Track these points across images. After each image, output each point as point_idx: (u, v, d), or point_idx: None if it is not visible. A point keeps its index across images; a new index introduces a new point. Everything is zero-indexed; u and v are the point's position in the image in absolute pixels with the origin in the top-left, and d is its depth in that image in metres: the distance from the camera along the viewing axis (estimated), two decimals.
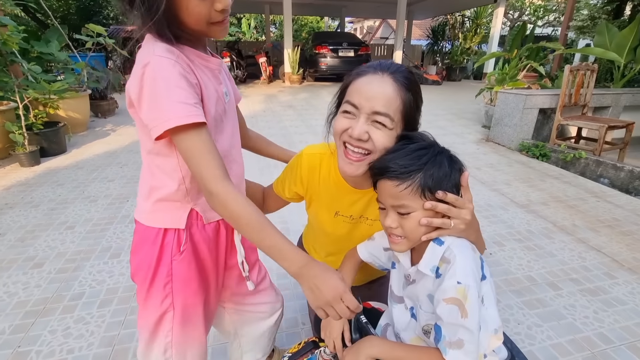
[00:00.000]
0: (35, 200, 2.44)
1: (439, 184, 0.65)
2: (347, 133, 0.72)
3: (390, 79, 0.70)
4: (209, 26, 0.60)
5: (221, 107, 0.69)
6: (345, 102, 0.73)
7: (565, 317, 1.43)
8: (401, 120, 0.72)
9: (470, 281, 0.61)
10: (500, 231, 2.10)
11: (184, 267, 0.72)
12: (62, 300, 1.51)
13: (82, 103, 4.22)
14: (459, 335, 0.60)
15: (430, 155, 0.66)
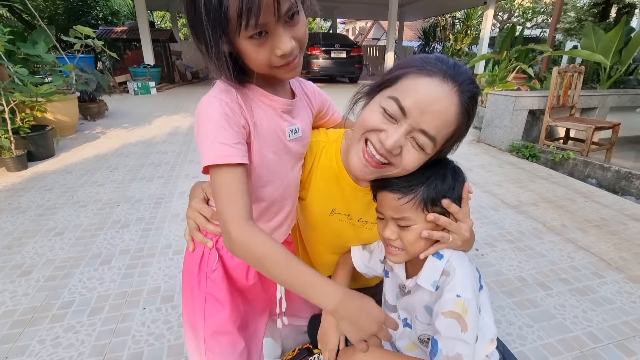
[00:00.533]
0: (22, 205, 2.39)
1: (442, 197, 0.65)
2: (376, 135, 0.62)
3: (457, 97, 0.58)
4: (272, 69, 0.58)
5: (280, 144, 0.67)
6: (391, 98, 0.60)
7: (555, 317, 1.45)
8: (442, 145, 0.63)
9: (470, 294, 0.61)
10: (492, 232, 2.12)
11: (216, 287, 0.72)
12: (51, 308, 1.48)
13: (70, 106, 4.15)
14: (457, 349, 0.59)
15: (434, 169, 0.65)
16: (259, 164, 0.64)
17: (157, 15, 17.04)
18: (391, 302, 0.82)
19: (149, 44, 8.30)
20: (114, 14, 13.60)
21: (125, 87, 7.94)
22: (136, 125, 4.80)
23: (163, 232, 2.09)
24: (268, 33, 0.53)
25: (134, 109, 6.02)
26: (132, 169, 3.12)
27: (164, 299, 1.54)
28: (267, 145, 0.64)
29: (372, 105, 0.64)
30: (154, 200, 2.50)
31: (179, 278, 1.68)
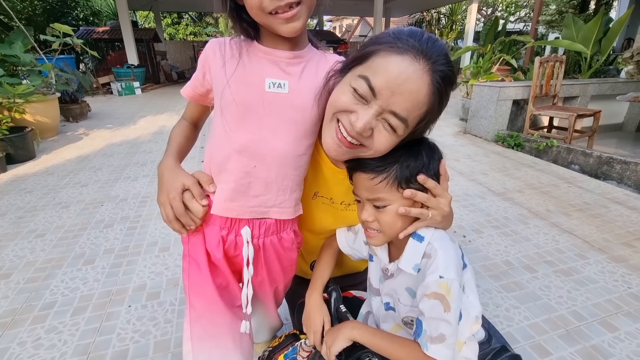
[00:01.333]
0: (1, 209, 2.32)
1: (416, 175, 0.63)
2: (347, 116, 0.60)
3: (428, 77, 0.56)
4: (268, 19, 0.58)
5: (257, 91, 0.65)
6: (361, 77, 0.57)
7: (541, 298, 1.48)
8: (413, 127, 0.61)
9: (453, 274, 0.60)
10: (479, 219, 2.15)
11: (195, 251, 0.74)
12: (32, 310, 1.44)
13: (50, 107, 4.05)
14: (441, 329, 0.59)
15: (407, 146, 0.63)
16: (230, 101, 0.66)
17: (140, 15, 16.72)
18: (375, 286, 0.81)
19: (132, 44, 8.14)
20: (95, 14, 13.30)
21: (108, 88, 7.78)
22: (120, 125, 4.71)
23: (149, 230, 2.05)
24: None
25: (118, 109, 5.90)
26: (116, 169, 3.06)
27: (150, 296, 1.51)
28: (247, 89, 0.65)
29: (343, 84, 0.61)
30: (139, 199, 2.46)
31: (165, 275, 1.65)
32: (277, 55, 0.65)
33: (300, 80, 0.66)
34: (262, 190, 0.69)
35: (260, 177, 0.68)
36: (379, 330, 0.74)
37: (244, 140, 0.66)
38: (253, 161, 0.67)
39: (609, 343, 1.25)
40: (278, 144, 0.67)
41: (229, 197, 0.69)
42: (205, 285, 0.73)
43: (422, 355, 0.60)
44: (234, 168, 0.67)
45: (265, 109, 0.65)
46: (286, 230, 0.77)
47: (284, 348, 0.90)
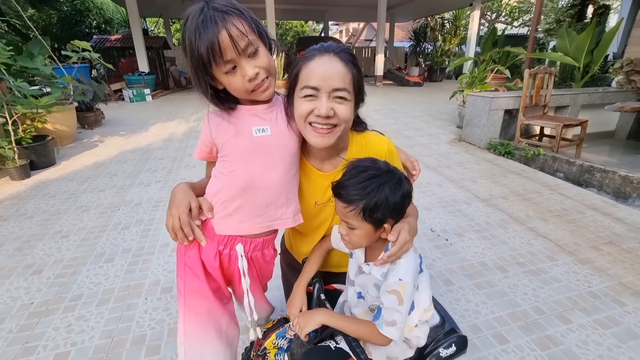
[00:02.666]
0: (28, 212, 2.57)
1: (377, 209, 0.79)
2: (313, 114, 0.79)
3: (337, 58, 0.79)
4: (250, 94, 0.82)
5: (249, 138, 0.85)
6: (303, 88, 0.79)
7: (508, 295, 1.66)
8: (354, 92, 0.81)
9: (409, 279, 0.80)
10: (462, 224, 2.33)
11: (192, 262, 0.91)
12: (63, 301, 1.66)
13: (68, 116, 4.33)
14: (394, 317, 0.79)
15: (375, 185, 0.77)
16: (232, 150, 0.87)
17: (150, 21, 17.20)
18: (352, 278, 1.01)
19: (143, 52, 8.47)
20: (107, 22, 13.76)
21: (120, 95, 8.10)
22: (133, 132, 4.98)
23: (161, 232, 2.27)
24: (236, 66, 0.77)
25: (130, 116, 6.19)
26: (130, 175, 3.30)
27: (163, 290, 1.73)
28: (234, 139, 0.86)
29: (296, 102, 0.83)
30: (152, 203, 2.69)
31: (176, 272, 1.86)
32: (256, 109, 0.87)
33: (277, 123, 0.89)
34: (263, 209, 0.90)
35: (261, 201, 0.89)
36: (343, 316, 0.94)
37: (245, 177, 0.87)
38: (254, 190, 0.88)
39: (561, 333, 1.43)
40: (272, 176, 0.88)
41: (240, 220, 0.90)
42: (202, 288, 0.92)
43: (378, 333, 0.81)
44: (240, 198, 0.88)
45: (257, 151, 0.86)
46: (268, 248, 0.99)
47: (276, 328, 1.10)
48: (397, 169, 0.82)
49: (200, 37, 0.71)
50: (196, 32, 0.72)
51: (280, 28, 23.58)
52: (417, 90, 9.86)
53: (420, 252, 0.91)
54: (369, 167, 0.80)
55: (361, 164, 0.81)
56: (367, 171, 0.79)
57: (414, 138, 4.52)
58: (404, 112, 6.31)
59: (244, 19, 0.75)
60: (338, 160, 0.96)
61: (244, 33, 0.74)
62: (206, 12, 0.72)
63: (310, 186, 0.99)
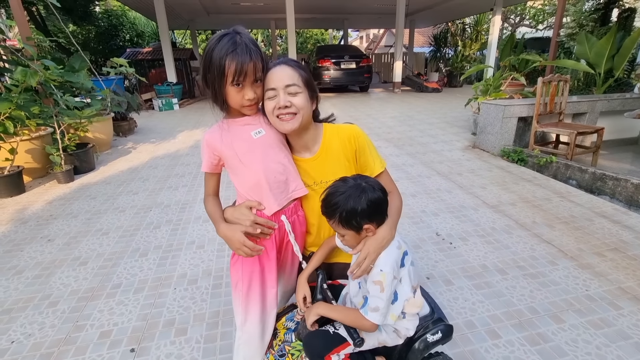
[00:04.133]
0: (74, 211, 2.90)
1: (350, 217, 0.96)
2: (276, 108, 1.02)
3: (285, 65, 1.03)
4: (242, 108, 1.06)
5: (248, 144, 1.08)
6: (267, 91, 1.03)
7: (505, 295, 1.76)
8: (305, 86, 1.03)
9: (389, 269, 0.96)
10: (467, 229, 2.43)
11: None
12: (105, 289, 1.92)
13: (106, 125, 4.75)
14: (377, 303, 0.95)
15: (342, 199, 0.95)
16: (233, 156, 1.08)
17: (178, 33, 18.11)
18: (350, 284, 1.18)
19: (171, 64, 9.00)
20: (139, 35, 14.63)
21: (150, 104, 8.63)
22: (162, 139, 5.36)
23: (188, 231, 2.52)
24: (243, 87, 1.00)
25: (159, 124, 6.63)
26: (160, 180, 3.61)
27: (190, 282, 1.95)
28: (241, 144, 1.08)
29: (265, 103, 1.06)
30: (180, 205, 2.95)
31: (200, 267, 2.09)
32: (246, 119, 1.11)
33: (267, 125, 1.13)
34: (283, 185, 1.13)
35: (279, 179, 1.11)
36: (337, 306, 1.11)
37: (260, 167, 1.09)
38: (271, 174, 1.10)
39: (552, 332, 1.53)
40: (280, 159, 1.12)
41: (272, 200, 1.11)
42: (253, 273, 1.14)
43: (363, 318, 0.97)
44: (264, 183, 1.10)
45: (261, 147, 1.10)
46: (299, 210, 1.20)
47: (287, 312, 1.29)
48: (363, 182, 0.97)
49: (234, 58, 0.94)
50: (230, 53, 0.94)
51: (300, 36, 24.08)
52: (435, 97, 9.86)
53: (424, 254, 1.06)
54: (338, 186, 0.98)
55: (333, 186, 0.99)
56: (337, 190, 0.96)
57: (427, 145, 4.62)
58: (420, 119, 6.39)
59: (262, 60, 0.99)
60: (315, 148, 1.17)
61: (260, 70, 0.99)
62: (239, 41, 0.96)
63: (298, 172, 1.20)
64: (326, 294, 1.20)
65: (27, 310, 1.76)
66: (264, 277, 1.18)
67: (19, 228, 2.63)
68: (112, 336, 1.59)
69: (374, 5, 11.90)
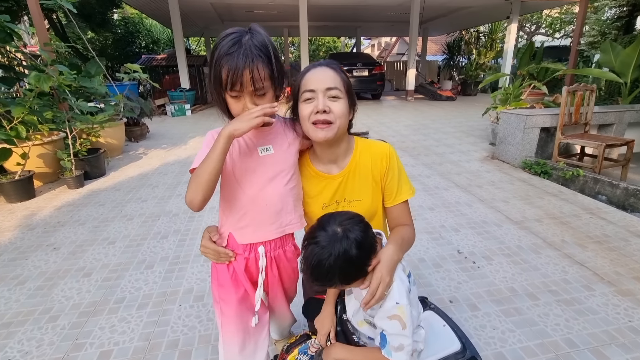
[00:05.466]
0: (81, 218, 2.84)
1: (346, 276, 0.83)
2: (313, 113, 0.92)
3: (327, 67, 0.95)
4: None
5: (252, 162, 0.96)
6: (303, 93, 0.93)
7: (538, 324, 1.60)
8: (345, 93, 0.94)
9: (405, 300, 0.84)
10: (491, 246, 2.27)
11: (223, 271, 1.03)
12: (108, 303, 1.83)
13: (118, 130, 4.74)
14: (400, 341, 0.83)
15: (326, 265, 0.79)
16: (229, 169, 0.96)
17: (192, 40, 18.41)
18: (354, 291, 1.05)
19: (185, 70, 9.08)
20: (154, 42, 14.91)
21: (163, 110, 8.70)
22: (173, 145, 5.33)
23: (196, 242, 2.42)
24: (240, 97, 0.88)
25: (171, 130, 6.64)
26: (170, 187, 3.55)
27: (196, 298, 1.85)
28: (243, 159, 0.96)
29: (300, 108, 0.96)
30: (189, 214, 2.87)
31: (208, 281, 1.99)
32: (253, 134, 0.98)
33: (278, 142, 1.00)
34: (275, 217, 1.00)
35: (272, 210, 0.98)
36: (356, 348, 0.98)
37: (255, 192, 0.97)
38: (264, 202, 0.97)
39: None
40: (277, 188, 0.98)
41: (256, 229, 0.99)
42: (230, 296, 1.03)
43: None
44: (253, 210, 0.98)
45: (262, 167, 0.97)
46: (288, 244, 1.07)
47: (299, 344, 1.16)
48: (330, 228, 0.82)
49: (227, 62, 0.82)
50: (225, 55, 0.82)
51: (312, 44, 24.23)
52: (450, 105, 9.69)
53: (445, 274, 0.93)
54: (314, 251, 0.81)
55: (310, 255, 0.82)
56: (319, 256, 0.80)
57: (444, 155, 4.46)
58: (435, 128, 6.23)
59: (268, 67, 0.85)
60: (344, 162, 1.04)
61: (261, 79, 0.84)
62: (244, 42, 0.83)
63: (318, 190, 1.06)
64: (346, 326, 1.08)
65: (26, 325, 1.68)
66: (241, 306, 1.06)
67: (26, 235, 2.58)
68: (112, 357, 1.49)
69: (387, 14, 11.87)
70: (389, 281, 0.84)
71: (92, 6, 9.54)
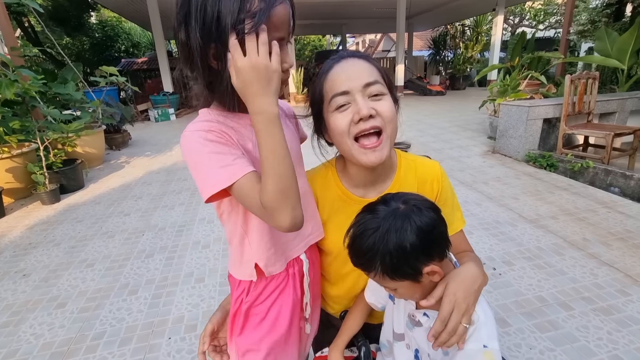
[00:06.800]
0: (56, 238, 2.56)
1: (399, 264, 0.61)
2: (353, 123, 0.68)
3: (356, 59, 0.71)
4: None
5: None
6: (333, 98, 0.69)
7: (579, 340, 1.42)
8: (387, 85, 0.72)
9: (496, 344, 0.60)
10: (510, 249, 2.10)
11: (255, 320, 0.77)
12: (85, 340, 1.58)
13: (97, 138, 4.43)
14: None
15: (379, 239, 0.61)
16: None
17: (174, 43, 17.93)
18: (398, 331, 0.80)
19: (167, 73, 8.72)
20: (134, 45, 14.43)
21: (146, 115, 8.34)
22: (158, 152, 5.03)
23: (185, 260, 2.18)
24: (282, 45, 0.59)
25: (155, 136, 6.32)
26: (155, 197, 3.28)
27: (187, 329, 1.61)
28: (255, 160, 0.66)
29: (330, 121, 0.71)
30: (176, 228, 2.62)
31: (201, 307, 1.75)
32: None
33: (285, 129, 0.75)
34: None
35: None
36: None
37: None
38: None
39: None
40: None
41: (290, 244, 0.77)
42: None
43: None
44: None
45: None
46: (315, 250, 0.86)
47: None
48: (400, 203, 0.63)
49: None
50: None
51: (298, 43, 23.96)
52: (441, 100, 9.59)
53: None
54: (366, 221, 0.63)
55: (359, 223, 0.64)
56: (365, 227, 0.63)
57: (443, 151, 4.30)
58: (429, 123, 6.08)
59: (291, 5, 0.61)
60: (385, 185, 0.81)
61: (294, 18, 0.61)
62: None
63: (350, 217, 0.78)
64: None
65: None
66: (286, 348, 0.84)
67: None
68: None
69: (372, 10, 11.71)
70: (467, 309, 0.62)
71: (66, 9, 9.10)
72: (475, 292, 0.63)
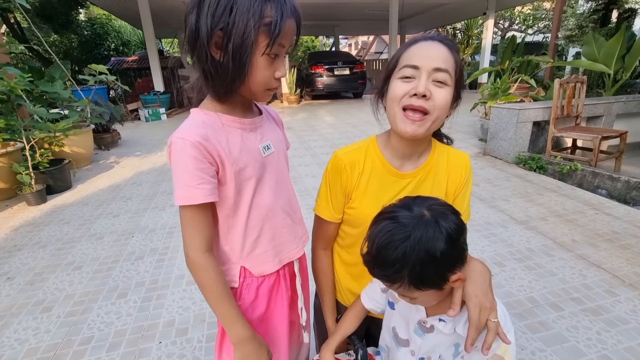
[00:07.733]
0: (42, 240, 2.50)
1: (427, 273, 0.59)
2: (407, 95, 0.72)
3: (441, 44, 0.74)
4: (265, 91, 0.68)
5: (257, 165, 0.72)
6: (403, 68, 0.73)
7: (569, 340, 1.44)
8: (454, 81, 0.74)
9: (512, 336, 0.63)
10: (501, 251, 2.12)
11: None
12: (72, 345, 1.54)
13: (85, 138, 4.34)
14: None
15: (409, 247, 0.58)
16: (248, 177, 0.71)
17: (165, 41, 17.73)
18: (402, 336, 0.79)
19: (158, 72, 8.61)
20: (124, 44, 14.22)
21: (136, 115, 8.21)
22: (148, 152, 4.96)
23: (176, 262, 2.15)
24: (277, 57, 0.64)
25: (145, 136, 6.22)
26: (145, 198, 3.22)
27: (178, 332, 1.58)
28: (244, 165, 0.69)
29: (392, 85, 0.76)
30: (167, 229, 2.58)
31: (192, 310, 1.72)
32: (255, 122, 0.74)
33: (273, 133, 0.78)
34: (294, 229, 0.82)
35: (287, 222, 0.79)
36: None
37: (269, 202, 0.74)
38: (283, 214, 0.78)
39: None
40: (287, 190, 0.80)
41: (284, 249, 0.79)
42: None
43: None
44: (274, 226, 0.76)
45: (268, 171, 0.75)
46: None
47: None
48: (424, 209, 0.62)
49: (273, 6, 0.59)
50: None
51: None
52: None
53: None
54: (391, 230, 0.60)
55: (382, 232, 0.61)
56: (392, 237, 0.59)
57: None
58: None
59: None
60: (420, 161, 0.84)
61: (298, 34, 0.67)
62: None
63: (383, 188, 0.83)
64: None
65: None
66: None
67: None
68: None
69: (365, 12, 11.77)
70: (491, 306, 0.62)
71: (53, 6, 8.92)
72: (490, 287, 0.65)
